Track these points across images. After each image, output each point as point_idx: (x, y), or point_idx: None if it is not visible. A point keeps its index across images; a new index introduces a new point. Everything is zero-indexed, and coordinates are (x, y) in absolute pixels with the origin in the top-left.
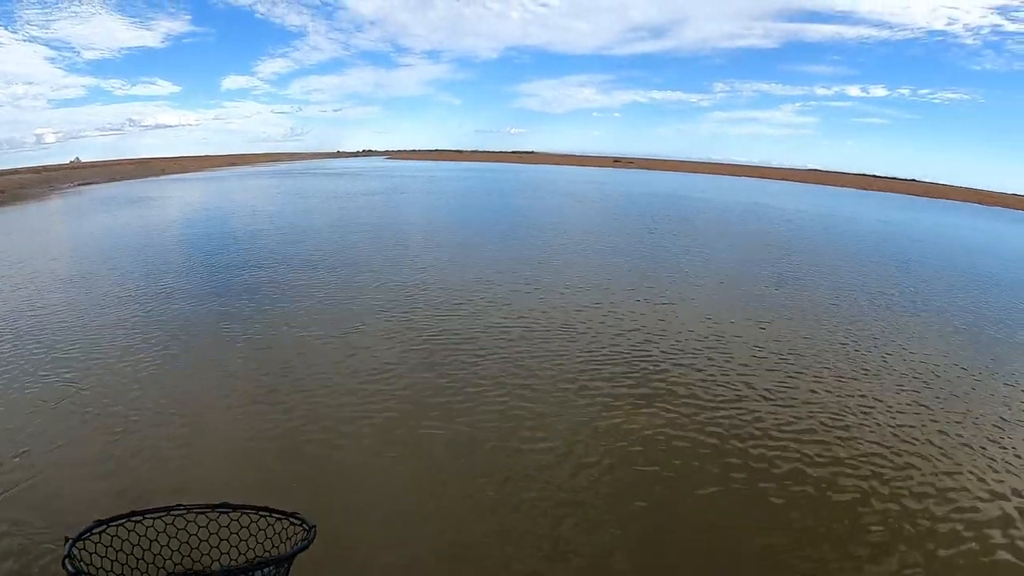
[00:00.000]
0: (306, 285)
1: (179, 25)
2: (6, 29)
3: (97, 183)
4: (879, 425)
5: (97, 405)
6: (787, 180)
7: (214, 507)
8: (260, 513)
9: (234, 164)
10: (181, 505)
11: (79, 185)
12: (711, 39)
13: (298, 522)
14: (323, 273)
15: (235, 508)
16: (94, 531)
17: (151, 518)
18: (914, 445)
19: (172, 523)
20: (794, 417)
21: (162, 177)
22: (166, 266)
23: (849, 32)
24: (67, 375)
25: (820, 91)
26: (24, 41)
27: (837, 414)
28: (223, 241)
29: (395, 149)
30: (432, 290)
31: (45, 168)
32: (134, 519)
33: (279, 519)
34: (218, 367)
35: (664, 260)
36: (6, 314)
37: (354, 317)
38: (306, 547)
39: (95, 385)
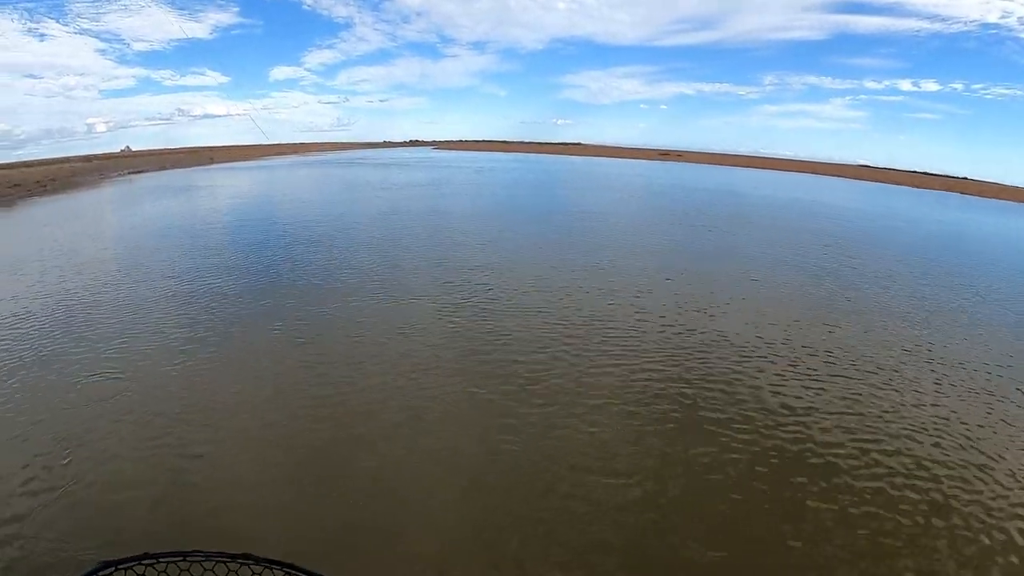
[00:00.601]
0: (358, 282)
1: (227, 17)
2: (57, 22)
3: (147, 171)
4: (958, 438)
5: (143, 409)
6: (838, 176)
7: (235, 557)
8: (286, 570)
9: (282, 153)
10: (199, 551)
11: (129, 173)
12: (759, 30)
13: None
14: (375, 269)
15: (258, 561)
16: (99, 573)
17: (164, 562)
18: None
19: (188, 570)
20: (876, 436)
21: (211, 166)
22: (215, 259)
23: (899, 24)
24: (113, 375)
25: (870, 85)
26: (75, 34)
27: (919, 431)
28: (272, 234)
29: (442, 139)
30: (493, 290)
31: (96, 156)
32: (145, 562)
33: None
34: (268, 371)
35: (728, 262)
36: (54, 307)
37: (407, 317)
38: None
39: (141, 387)
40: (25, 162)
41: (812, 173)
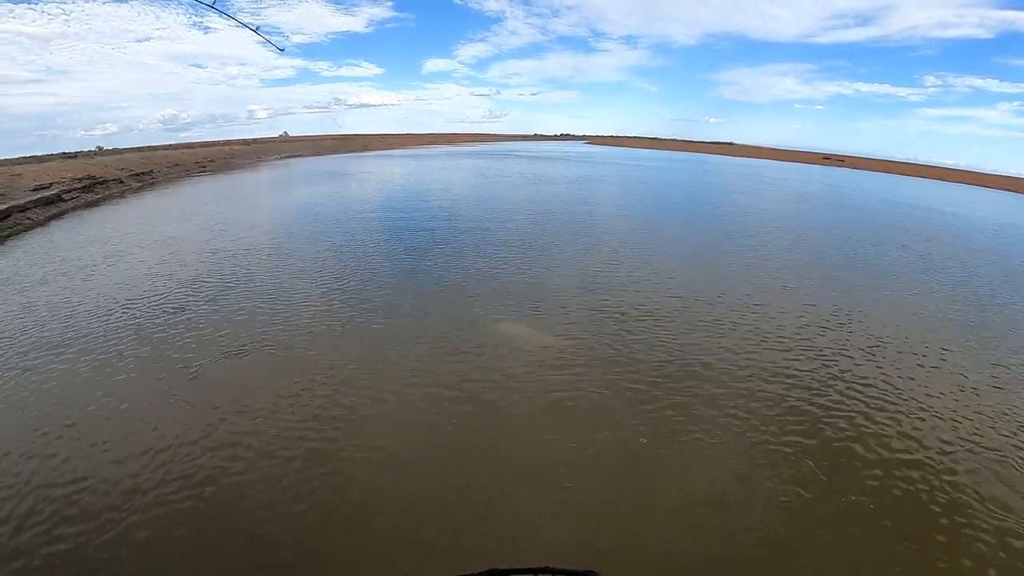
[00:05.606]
0: (521, 285)
1: (382, 11)
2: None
3: (303, 156)
4: None
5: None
6: (1008, 191)
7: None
8: None
9: (434, 143)
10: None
11: (286, 157)
12: (921, 27)
13: None
14: (531, 269)
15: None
16: None
17: None
18: None
19: None
20: None
21: (364, 153)
22: (366, 247)
23: None
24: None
25: None
26: (237, 27)
27: None
28: (425, 225)
29: (593, 134)
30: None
31: (255, 140)
32: None
33: None
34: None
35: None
36: (203, 280)
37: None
38: None
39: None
40: (187, 144)
41: (981, 185)
